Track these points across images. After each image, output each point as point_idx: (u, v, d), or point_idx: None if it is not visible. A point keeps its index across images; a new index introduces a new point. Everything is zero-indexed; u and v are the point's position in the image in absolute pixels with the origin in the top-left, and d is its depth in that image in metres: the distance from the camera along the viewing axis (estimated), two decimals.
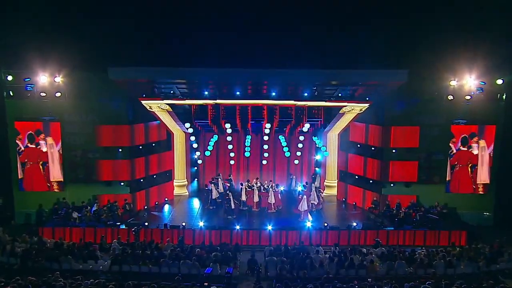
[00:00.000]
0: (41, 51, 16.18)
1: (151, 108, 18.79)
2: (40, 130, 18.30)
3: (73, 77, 17.35)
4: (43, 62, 16.83)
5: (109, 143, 18.48)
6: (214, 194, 20.02)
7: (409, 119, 18.50)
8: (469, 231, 17.06)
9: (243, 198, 20.02)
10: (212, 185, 20.41)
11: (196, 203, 21.48)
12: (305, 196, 18.76)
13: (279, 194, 20.23)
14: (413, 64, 16.52)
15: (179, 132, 21.80)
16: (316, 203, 19.47)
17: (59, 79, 17.27)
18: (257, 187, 20.20)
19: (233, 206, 19.06)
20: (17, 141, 18.34)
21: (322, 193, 20.87)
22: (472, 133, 18.74)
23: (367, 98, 18.25)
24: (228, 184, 20.85)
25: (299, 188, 20.93)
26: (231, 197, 19.04)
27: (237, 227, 17.07)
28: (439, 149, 18.91)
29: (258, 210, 19.77)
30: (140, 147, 19.45)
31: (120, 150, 18.58)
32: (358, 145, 20.43)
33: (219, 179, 21.01)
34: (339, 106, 18.88)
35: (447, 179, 19.09)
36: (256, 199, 19.87)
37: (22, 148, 18.38)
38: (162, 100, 18.09)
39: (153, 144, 20.29)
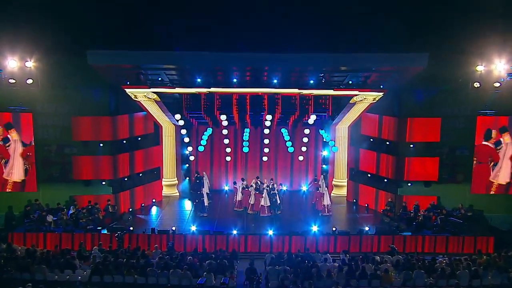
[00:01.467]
0: (9, 31, 15.96)
1: (136, 98, 18.71)
2: (11, 123, 18.18)
3: (46, 62, 17.12)
4: (12, 44, 16.54)
5: (88, 137, 18.42)
6: (206, 202, 20.30)
7: (429, 109, 18.46)
8: (498, 237, 17.09)
9: (239, 198, 19.97)
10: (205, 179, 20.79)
11: (187, 205, 21.47)
12: (326, 189, 19.70)
13: (277, 195, 20.23)
14: (434, 47, 16.36)
15: (168, 124, 21.72)
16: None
17: (30, 63, 17.00)
18: (255, 187, 20.22)
19: (206, 203, 19.56)
20: None
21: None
22: (503, 127, 18.62)
23: (381, 86, 18.19)
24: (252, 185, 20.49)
25: (304, 188, 21.02)
26: (204, 193, 19.75)
27: (234, 232, 17.09)
28: (464, 144, 18.87)
29: (253, 213, 19.85)
30: (124, 141, 19.43)
31: (101, 145, 18.55)
32: (371, 139, 20.41)
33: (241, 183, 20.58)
34: (349, 95, 18.82)
35: (472, 177, 19.10)
36: (252, 200, 19.92)
37: None
38: (149, 88, 18.04)
39: (139, 138, 20.28)
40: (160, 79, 17.96)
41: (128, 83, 17.92)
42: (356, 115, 20.56)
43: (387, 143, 19.64)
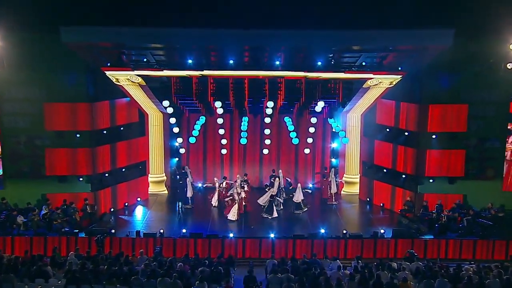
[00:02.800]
0: None
1: (118, 81, 18.65)
2: None
3: (14, 40, 17.02)
4: None
5: (63, 127, 18.38)
6: (190, 193, 20.47)
7: (454, 95, 18.38)
8: None
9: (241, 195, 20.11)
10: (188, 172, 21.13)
11: (177, 204, 21.43)
12: (334, 177, 20.67)
13: (282, 192, 20.38)
14: (460, 22, 16.19)
15: (155, 112, 21.70)
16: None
17: None
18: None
19: (189, 194, 20.20)
20: None
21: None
22: None
23: (400, 68, 18.11)
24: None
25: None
26: (188, 183, 20.36)
27: (231, 235, 17.10)
28: (494, 134, 18.79)
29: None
30: (104, 131, 19.38)
31: (77, 135, 18.51)
32: (387, 129, 20.37)
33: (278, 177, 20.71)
34: (362, 79, 18.74)
35: (504, 173, 19.01)
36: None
37: None
38: (133, 70, 17.96)
39: (121, 128, 20.24)
40: (145, 60, 17.89)
41: (108, 64, 17.84)
42: (370, 102, 20.49)
43: (406, 133, 19.60)
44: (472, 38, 16.86)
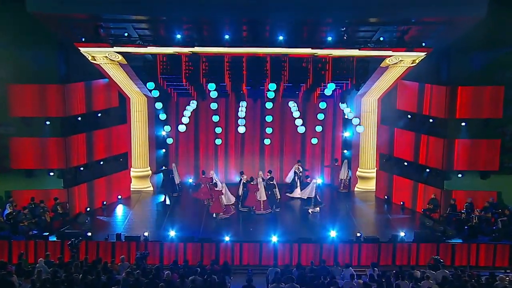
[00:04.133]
0: None
1: (95, 60, 18.56)
2: None
3: None
4: None
5: (30, 112, 18.33)
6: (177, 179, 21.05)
7: (487, 75, 18.30)
8: None
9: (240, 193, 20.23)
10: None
11: (166, 202, 21.44)
12: (346, 163, 21.57)
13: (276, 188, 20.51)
14: None
15: (138, 96, 21.65)
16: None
17: None
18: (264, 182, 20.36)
19: (177, 181, 20.86)
20: None
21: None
22: None
23: (423, 44, 18.02)
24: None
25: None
26: (174, 169, 21.14)
27: (226, 238, 17.04)
28: None
29: (266, 213, 20.05)
30: (79, 118, 19.33)
31: (47, 122, 18.47)
32: (409, 116, 20.34)
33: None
34: (380, 57, 18.66)
35: None
36: (262, 197, 20.05)
37: None
38: (112, 47, 17.86)
39: (99, 114, 20.18)
40: (126, 34, 17.80)
41: (83, 39, 17.75)
42: (389, 84, 20.42)
43: (430, 120, 19.55)
44: (510, 7, 16.69)
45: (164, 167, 22.09)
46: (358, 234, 17.27)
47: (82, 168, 19.70)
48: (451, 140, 18.99)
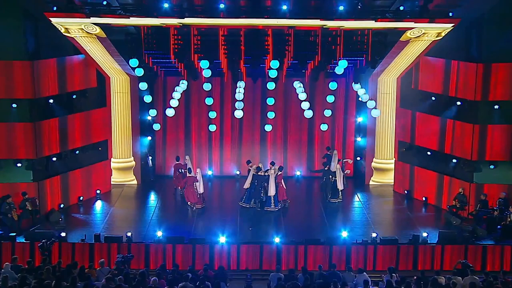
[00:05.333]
0: None
1: (69, 33, 18.49)
2: None
3: None
4: None
5: None
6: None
7: None
8: None
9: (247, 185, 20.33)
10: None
11: (151, 197, 21.59)
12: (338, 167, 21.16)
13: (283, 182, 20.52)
14: None
15: (119, 75, 21.65)
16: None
17: None
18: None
19: (150, 164, 22.34)
20: None
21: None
22: None
23: (451, 14, 17.98)
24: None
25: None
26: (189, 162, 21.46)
27: (222, 238, 17.04)
28: None
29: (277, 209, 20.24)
30: (51, 100, 19.33)
31: (13, 105, 18.48)
32: (432, 98, 20.35)
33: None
34: (399, 29, 18.62)
35: None
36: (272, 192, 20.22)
37: None
38: (88, 17, 17.78)
39: (74, 96, 20.21)
40: (105, 3, 17.74)
41: (55, 9, 17.68)
42: (410, 61, 20.41)
43: (458, 103, 19.56)
44: None
45: (150, 156, 22.13)
46: (374, 235, 17.28)
47: (54, 159, 19.70)
48: (483, 126, 19.01)
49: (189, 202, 20.28)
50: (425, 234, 17.41)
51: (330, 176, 21.04)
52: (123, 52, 19.79)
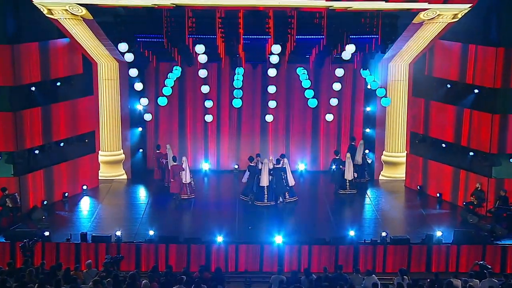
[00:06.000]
0: None
1: (52, 14, 18.47)
2: None
3: None
4: None
5: None
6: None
7: None
8: None
9: (265, 183, 20.28)
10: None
11: (142, 193, 21.57)
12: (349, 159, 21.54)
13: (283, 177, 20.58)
14: None
15: (107, 60, 21.65)
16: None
17: None
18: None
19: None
20: None
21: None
22: None
23: None
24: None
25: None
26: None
27: (219, 238, 17.06)
28: None
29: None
30: (33, 88, 19.32)
31: None
32: (448, 85, 20.30)
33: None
34: (412, 10, 18.57)
35: None
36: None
37: None
38: None
39: (58, 84, 20.14)
40: None
41: None
42: (423, 45, 20.38)
43: (476, 91, 19.51)
44: None
45: (141, 150, 22.14)
46: (384, 234, 17.26)
47: (37, 151, 19.70)
48: (503, 115, 18.98)
49: (177, 193, 20.46)
50: (439, 233, 17.38)
51: (340, 166, 21.19)
52: (112, 35, 19.70)
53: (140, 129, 22.94)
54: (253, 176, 20.49)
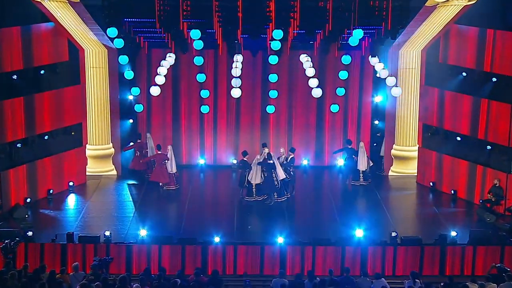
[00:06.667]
0: None
1: None
2: None
3: None
4: None
5: None
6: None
7: None
8: None
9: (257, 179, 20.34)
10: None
11: (132, 190, 21.64)
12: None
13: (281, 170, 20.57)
14: None
15: (95, 47, 21.66)
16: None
17: None
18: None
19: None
20: None
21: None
22: None
23: None
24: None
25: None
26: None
27: (216, 239, 17.04)
28: None
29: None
30: (14, 76, 19.33)
31: None
32: (464, 73, 20.32)
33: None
34: None
35: None
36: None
37: None
38: None
39: (42, 72, 20.17)
40: None
41: None
42: (437, 30, 20.41)
43: (494, 79, 19.53)
44: None
45: (132, 143, 22.18)
46: (394, 234, 17.25)
47: (19, 145, 19.72)
48: None
49: (160, 184, 20.94)
50: (454, 234, 17.38)
51: (353, 156, 21.36)
52: (100, 19, 19.59)
53: (131, 121, 22.94)
54: (244, 171, 20.60)
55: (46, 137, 20.45)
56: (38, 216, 19.26)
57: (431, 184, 21.58)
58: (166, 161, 20.85)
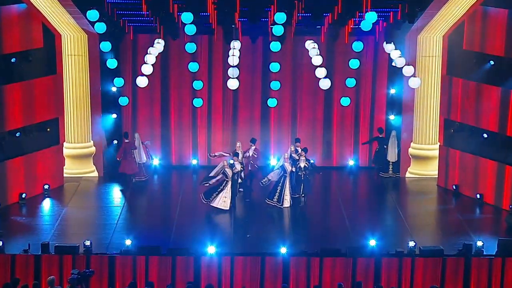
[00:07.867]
0: None
1: None
2: None
3: None
4: None
5: None
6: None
7: None
8: None
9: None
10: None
11: (116, 193, 21.72)
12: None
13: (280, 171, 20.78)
14: None
15: (73, 32, 21.68)
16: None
17: None
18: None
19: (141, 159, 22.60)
20: None
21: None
22: None
23: None
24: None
25: None
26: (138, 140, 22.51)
27: (211, 248, 17.04)
28: None
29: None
30: None
31: None
32: (491, 62, 20.31)
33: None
34: None
35: None
36: None
37: None
38: None
39: (13, 60, 20.16)
40: None
41: None
42: (460, 13, 20.43)
43: None
44: None
45: (115, 141, 22.19)
46: (412, 244, 17.23)
47: None
48: None
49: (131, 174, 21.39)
50: (480, 243, 17.34)
51: (384, 145, 21.85)
52: (79, 1, 19.60)
53: (114, 116, 23.03)
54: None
55: (17, 134, 20.44)
56: (8, 224, 19.26)
57: (453, 187, 21.62)
58: (134, 150, 20.96)
